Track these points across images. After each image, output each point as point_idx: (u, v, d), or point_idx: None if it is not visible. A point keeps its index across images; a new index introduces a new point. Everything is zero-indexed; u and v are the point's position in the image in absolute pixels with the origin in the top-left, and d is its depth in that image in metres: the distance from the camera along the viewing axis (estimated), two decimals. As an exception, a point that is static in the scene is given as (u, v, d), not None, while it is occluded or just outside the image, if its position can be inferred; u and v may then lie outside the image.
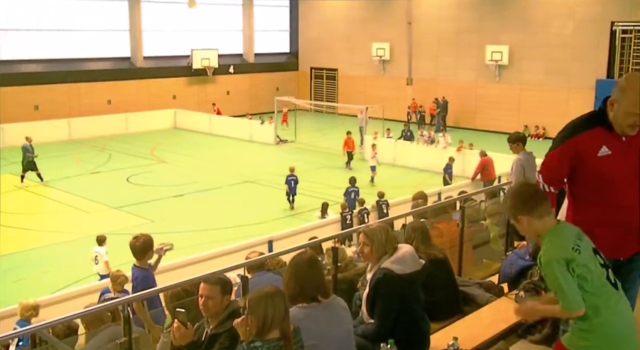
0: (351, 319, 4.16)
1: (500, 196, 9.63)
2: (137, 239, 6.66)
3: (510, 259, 6.07)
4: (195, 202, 18.27)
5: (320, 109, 33.72)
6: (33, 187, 19.50)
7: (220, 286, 4.17)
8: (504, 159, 19.45)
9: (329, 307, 3.90)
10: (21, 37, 27.74)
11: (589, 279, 3.06)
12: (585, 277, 3.06)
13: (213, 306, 4.13)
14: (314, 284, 3.87)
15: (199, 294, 4.22)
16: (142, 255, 6.67)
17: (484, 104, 30.07)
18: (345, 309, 4.06)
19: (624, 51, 26.17)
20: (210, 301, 4.12)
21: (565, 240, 3.12)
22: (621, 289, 3.19)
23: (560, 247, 3.09)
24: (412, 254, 4.60)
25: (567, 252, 3.06)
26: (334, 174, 21.69)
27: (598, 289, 3.09)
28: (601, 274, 3.12)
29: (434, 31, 31.37)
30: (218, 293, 4.14)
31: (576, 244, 3.11)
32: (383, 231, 4.51)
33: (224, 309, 4.14)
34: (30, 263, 13.45)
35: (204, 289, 4.17)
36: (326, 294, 3.92)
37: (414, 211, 7.95)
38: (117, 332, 4.64)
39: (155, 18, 31.70)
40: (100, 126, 27.88)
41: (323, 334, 3.79)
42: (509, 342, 4.90)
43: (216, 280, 4.23)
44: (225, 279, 4.33)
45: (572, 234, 3.18)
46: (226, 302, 4.17)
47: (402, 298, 4.37)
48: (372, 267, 4.58)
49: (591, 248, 3.18)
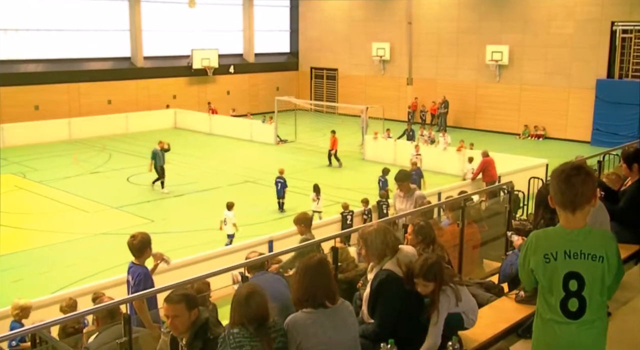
0: (357, 324, 4.12)
1: (500, 196, 9.63)
2: (134, 237, 6.68)
3: (510, 259, 6.07)
4: (195, 202, 18.26)
5: (320, 109, 33.73)
6: (33, 187, 19.49)
7: (185, 303, 4.09)
8: (504, 158, 19.51)
9: (336, 313, 3.86)
10: (21, 37, 27.74)
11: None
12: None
13: (182, 324, 4.07)
14: (321, 289, 3.82)
15: (165, 315, 4.12)
16: (140, 253, 6.71)
17: (484, 104, 30.07)
18: (351, 314, 4.01)
19: (624, 51, 26.16)
20: (177, 320, 4.06)
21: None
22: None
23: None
24: (415, 256, 4.58)
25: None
26: (334, 174, 21.70)
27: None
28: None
29: (434, 31, 31.37)
30: (184, 310, 4.07)
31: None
32: (378, 234, 4.44)
33: (192, 324, 4.08)
34: (29, 263, 13.43)
35: (169, 310, 4.08)
36: (333, 299, 3.87)
37: (414, 211, 7.95)
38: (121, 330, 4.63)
39: (155, 18, 31.69)
40: (100, 126, 27.88)
41: (329, 340, 3.76)
42: (509, 342, 4.89)
43: (179, 297, 4.11)
44: (189, 294, 4.24)
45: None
46: (194, 317, 4.10)
47: (403, 300, 4.34)
48: (372, 268, 4.55)
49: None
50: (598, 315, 3.10)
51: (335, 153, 22.81)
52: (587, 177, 3.08)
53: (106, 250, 13.58)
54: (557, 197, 3.11)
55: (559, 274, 3.08)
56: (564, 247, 3.08)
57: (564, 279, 3.07)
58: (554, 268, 3.08)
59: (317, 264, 3.92)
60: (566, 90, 27.47)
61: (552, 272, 3.09)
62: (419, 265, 4.41)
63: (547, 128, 28.16)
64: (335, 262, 5.64)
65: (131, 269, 6.77)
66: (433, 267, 4.43)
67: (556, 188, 3.11)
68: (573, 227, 3.10)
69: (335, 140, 22.75)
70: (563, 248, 3.08)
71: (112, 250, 13.14)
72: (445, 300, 4.44)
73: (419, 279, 4.41)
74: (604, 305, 3.16)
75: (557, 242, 3.11)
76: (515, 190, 9.87)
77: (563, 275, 3.07)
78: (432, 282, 4.42)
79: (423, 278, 4.40)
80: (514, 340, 4.96)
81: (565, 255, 3.07)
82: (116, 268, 11.49)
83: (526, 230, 7.12)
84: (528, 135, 28.45)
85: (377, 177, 17.21)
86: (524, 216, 11.10)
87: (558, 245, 3.10)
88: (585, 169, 3.12)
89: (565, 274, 3.07)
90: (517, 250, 6.14)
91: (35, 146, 25.08)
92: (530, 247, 3.19)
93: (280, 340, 3.70)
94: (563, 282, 3.07)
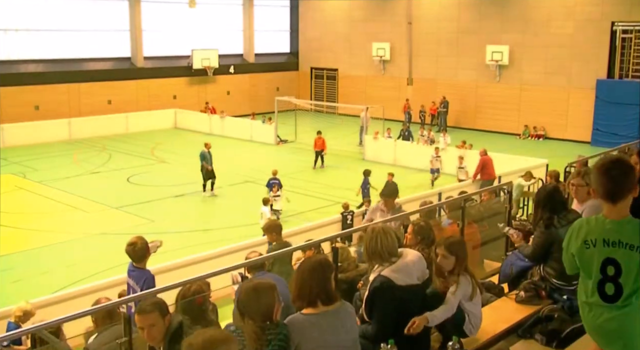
0: (357, 326, 4.08)
1: (500, 196, 9.63)
2: (134, 244, 6.60)
3: (510, 260, 6.07)
4: (195, 202, 18.27)
5: (321, 109, 33.74)
6: (33, 187, 19.49)
7: (159, 310, 4.05)
8: (504, 159, 19.52)
9: (335, 315, 3.81)
10: (21, 37, 27.74)
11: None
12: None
13: (159, 332, 4.03)
14: (316, 290, 3.77)
15: (139, 327, 4.06)
16: (141, 259, 6.67)
17: (484, 104, 30.07)
18: (352, 316, 3.97)
19: (624, 51, 26.16)
20: (154, 329, 4.01)
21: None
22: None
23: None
24: (418, 262, 4.43)
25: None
26: (334, 174, 21.70)
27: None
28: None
29: (434, 31, 31.37)
30: (159, 318, 4.03)
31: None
32: (379, 236, 4.35)
33: (167, 330, 4.05)
34: (29, 263, 13.43)
35: (144, 320, 4.02)
36: (328, 301, 3.81)
37: (414, 211, 7.96)
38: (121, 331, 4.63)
39: (155, 18, 31.69)
40: (100, 126, 27.88)
41: (327, 342, 3.73)
42: (509, 342, 4.90)
43: (152, 306, 4.08)
44: (158, 301, 4.21)
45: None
46: (167, 323, 4.06)
47: (401, 305, 4.28)
48: (373, 266, 4.48)
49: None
50: (631, 301, 3.23)
51: (320, 153, 22.53)
52: (626, 170, 3.25)
53: (106, 250, 13.57)
54: (599, 189, 3.29)
55: (597, 260, 3.26)
56: (603, 235, 3.25)
57: (602, 264, 3.25)
58: (591, 254, 3.28)
59: (314, 264, 3.88)
60: (566, 90, 27.47)
61: (590, 258, 3.29)
62: (445, 237, 4.79)
63: (547, 128, 28.16)
64: (335, 262, 5.64)
65: (132, 272, 6.70)
66: (456, 243, 4.75)
67: (597, 181, 3.29)
68: (613, 217, 3.26)
69: (323, 141, 22.64)
70: (602, 236, 3.26)
71: (112, 250, 13.12)
72: (465, 281, 4.65)
73: (440, 248, 4.69)
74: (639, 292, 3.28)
75: (597, 230, 3.29)
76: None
77: (601, 261, 3.25)
78: (453, 256, 4.66)
79: (445, 248, 4.68)
80: (514, 341, 4.97)
81: (604, 244, 3.25)
82: (116, 268, 11.48)
83: (526, 230, 7.12)
84: (528, 135, 28.45)
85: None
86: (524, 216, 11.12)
87: (598, 233, 3.27)
88: (623, 162, 3.31)
89: (603, 260, 3.25)
90: (517, 250, 6.15)
91: (35, 146, 25.08)
92: (573, 233, 3.41)
93: (276, 344, 3.56)
94: (601, 268, 3.25)
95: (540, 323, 5.00)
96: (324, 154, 22.49)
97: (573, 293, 4.53)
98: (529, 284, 5.61)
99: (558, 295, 5.42)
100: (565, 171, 10.58)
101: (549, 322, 4.96)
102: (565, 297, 5.29)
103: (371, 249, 4.34)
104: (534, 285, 5.58)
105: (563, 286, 5.39)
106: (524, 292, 5.53)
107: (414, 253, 4.52)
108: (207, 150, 18.96)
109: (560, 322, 4.92)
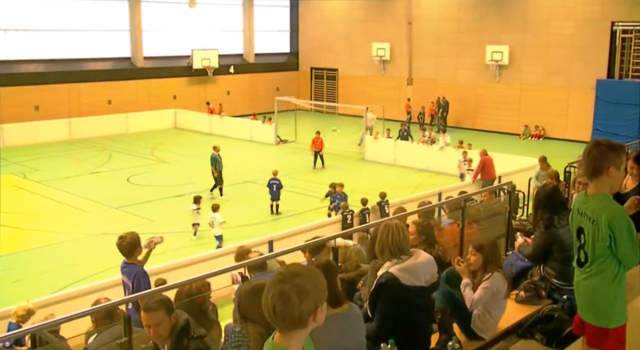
0: (364, 329, 4.06)
1: (500, 196, 9.63)
2: (123, 238, 6.66)
3: (510, 260, 6.08)
4: (195, 202, 18.23)
5: (321, 109, 33.73)
6: (33, 187, 19.49)
7: (165, 308, 4.06)
8: (504, 159, 19.51)
9: (342, 318, 3.81)
10: (21, 37, 27.74)
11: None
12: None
13: (165, 330, 4.04)
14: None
15: (145, 325, 4.07)
16: (130, 254, 6.71)
17: (484, 104, 30.06)
18: (359, 319, 3.96)
19: (624, 51, 26.15)
20: (160, 327, 4.02)
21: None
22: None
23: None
24: (428, 264, 4.36)
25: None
26: (334, 174, 21.68)
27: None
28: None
29: (434, 31, 31.37)
30: (165, 315, 4.04)
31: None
32: (391, 230, 4.30)
33: (173, 328, 4.05)
34: (29, 263, 13.43)
35: (151, 319, 4.02)
36: (337, 303, 3.81)
37: (414, 211, 7.95)
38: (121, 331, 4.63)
39: (155, 18, 31.68)
40: (100, 126, 27.88)
41: (334, 344, 3.73)
42: (509, 342, 4.90)
43: (158, 304, 4.09)
44: (164, 299, 4.22)
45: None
46: (174, 320, 4.07)
47: (404, 305, 4.27)
48: (383, 262, 4.44)
49: None
50: (599, 269, 3.61)
51: (319, 154, 22.52)
52: (602, 151, 3.57)
53: (106, 251, 13.49)
54: (582, 167, 3.81)
55: (574, 227, 3.79)
56: (578, 206, 3.76)
57: (577, 232, 3.75)
58: (572, 222, 3.82)
59: (320, 267, 3.88)
60: (566, 90, 27.47)
61: (572, 225, 3.83)
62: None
63: (547, 128, 28.16)
64: (335, 262, 5.64)
65: (124, 268, 6.76)
66: (485, 244, 5.04)
67: (582, 160, 3.71)
68: (588, 192, 3.69)
69: (322, 140, 22.64)
70: (577, 206, 3.76)
71: (112, 250, 12.98)
72: (500, 278, 4.91)
73: (470, 248, 5.05)
74: (606, 262, 3.57)
75: (578, 201, 3.79)
76: (515, 191, 9.89)
77: (576, 229, 3.76)
78: (480, 253, 4.91)
79: (473, 247, 4.99)
80: (514, 340, 4.97)
81: (577, 213, 3.74)
82: (116, 268, 11.31)
83: (526, 230, 7.12)
84: (528, 135, 28.45)
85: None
86: (524, 216, 11.11)
87: (577, 204, 3.77)
88: (601, 144, 3.60)
89: (577, 228, 3.74)
90: (517, 250, 6.15)
91: (35, 146, 25.08)
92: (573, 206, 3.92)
93: None
94: (577, 235, 3.76)
95: (540, 323, 5.00)
96: (321, 154, 22.49)
97: (573, 293, 4.53)
98: (529, 284, 5.62)
99: (558, 295, 5.42)
100: (565, 171, 10.55)
101: (549, 322, 4.97)
102: (565, 297, 5.29)
103: (382, 243, 4.31)
104: (534, 285, 5.59)
105: (563, 286, 5.40)
106: (524, 292, 5.54)
107: (425, 255, 4.44)
108: (217, 153, 18.71)
109: (560, 322, 4.92)
